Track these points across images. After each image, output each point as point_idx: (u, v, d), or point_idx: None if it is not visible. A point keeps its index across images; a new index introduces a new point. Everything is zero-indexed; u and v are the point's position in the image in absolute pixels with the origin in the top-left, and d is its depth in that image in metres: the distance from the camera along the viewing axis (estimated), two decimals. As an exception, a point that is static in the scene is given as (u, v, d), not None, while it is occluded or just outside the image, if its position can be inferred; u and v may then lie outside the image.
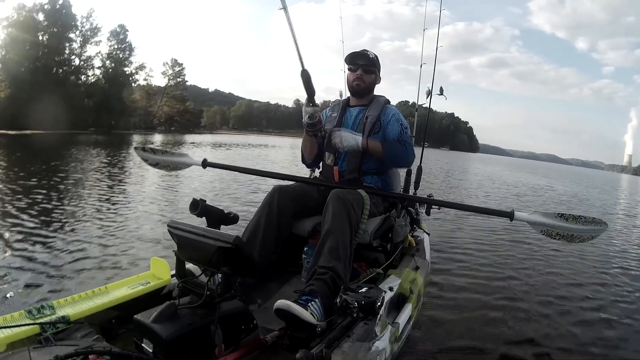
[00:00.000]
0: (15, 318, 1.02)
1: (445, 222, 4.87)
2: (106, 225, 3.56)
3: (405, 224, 1.89)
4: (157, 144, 18.29)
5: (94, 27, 29.31)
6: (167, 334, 0.93)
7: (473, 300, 2.52)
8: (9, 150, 11.14)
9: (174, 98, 39.97)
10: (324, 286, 1.25)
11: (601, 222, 1.45)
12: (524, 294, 2.72)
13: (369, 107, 1.82)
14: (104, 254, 2.78)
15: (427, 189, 6.04)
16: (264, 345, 1.11)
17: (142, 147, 1.98)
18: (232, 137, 38.61)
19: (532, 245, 4.20)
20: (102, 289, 1.24)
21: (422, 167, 2.36)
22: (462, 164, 26.16)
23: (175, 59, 41.56)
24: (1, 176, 5.84)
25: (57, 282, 2.27)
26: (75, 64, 28.82)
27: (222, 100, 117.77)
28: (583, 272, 3.42)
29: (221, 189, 6.11)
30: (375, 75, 1.83)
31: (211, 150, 16.85)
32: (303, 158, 1.91)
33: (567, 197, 11.42)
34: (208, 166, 1.96)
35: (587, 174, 48.54)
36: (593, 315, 2.48)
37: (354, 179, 1.76)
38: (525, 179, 17.41)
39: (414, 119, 2.46)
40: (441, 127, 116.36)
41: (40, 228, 3.28)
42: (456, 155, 54.14)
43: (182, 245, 1.08)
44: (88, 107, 27.57)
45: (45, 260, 2.57)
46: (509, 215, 1.52)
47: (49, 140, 15.63)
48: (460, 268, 3.14)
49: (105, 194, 5.13)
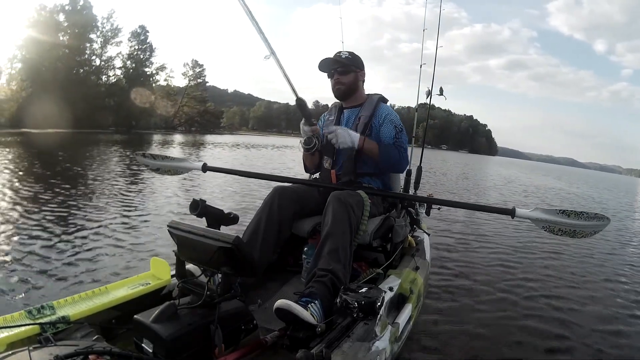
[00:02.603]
0: (15, 318, 1.02)
1: (446, 222, 4.87)
2: (121, 221, 3.59)
3: (405, 224, 1.89)
4: (177, 143, 18.63)
5: (115, 27, 29.80)
6: (167, 334, 0.93)
7: (473, 300, 2.52)
8: (26, 148, 11.12)
9: (194, 99, 40.24)
10: (324, 288, 1.25)
11: (603, 217, 1.45)
12: (524, 293, 2.72)
13: (362, 107, 1.81)
14: (106, 253, 2.78)
15: (447, 192, 5.93)
16: (264, 345, 1.11)
17: (142, 153, 2.02)
18: (252, 138, 38.78)
19: (534, 243, 4.21)
20: (102, 289, 1.24)
21: (422, 167, 2.37)
22: (482, 168, 25.68)
23: (196, 60, 41.92)
24: (7, 178, 5.85)
25: (57, 282, 2.27)
26: (95, 64, 29.34)
27: (241, 101, 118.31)
28: (590, 273, 3.42)
29: (241, 190, 6.03)
30: (354, 73, 1.80)
31: (229, 151, 17.00)
32: (306, 168, 1.96)
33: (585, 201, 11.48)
34: (208, 170, 1.97)
35: (605, 178, 47.51)
36: (597, 313, 2.48)
37: (351, 181, 1.76)
38: (543, 182, 17.29)
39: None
40: (460, 129, 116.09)
41: (45, 229, 3.28)
42: (475, 158, 52.96)
43: (182, 246, 1.09)
44: (109, 107, 27.85)
45: (47, 258, 2.58)
46: (510, 213, 1.51)
47: (70, 139, 15.85)
48: (461, 268, 3.14)
49: (119, 193, 5.13)
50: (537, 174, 26.66)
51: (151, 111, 33.20)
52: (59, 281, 2.29)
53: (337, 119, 1.86)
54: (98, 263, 2.62)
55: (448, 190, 9.19)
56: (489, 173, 20.79)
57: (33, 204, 4.11)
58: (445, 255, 3.44)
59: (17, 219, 3.51)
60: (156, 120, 34.85)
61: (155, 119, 34.76)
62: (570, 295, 2.80)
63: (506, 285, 2.84)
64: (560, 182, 20.18)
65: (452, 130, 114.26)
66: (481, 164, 34.15)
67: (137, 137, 22.08)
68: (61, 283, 2.26)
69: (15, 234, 3.09)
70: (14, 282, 2.23)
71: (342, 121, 1.85)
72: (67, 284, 2.24)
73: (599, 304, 2.71)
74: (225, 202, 5.00)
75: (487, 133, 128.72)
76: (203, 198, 1.48)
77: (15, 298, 2.04)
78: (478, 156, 78.42)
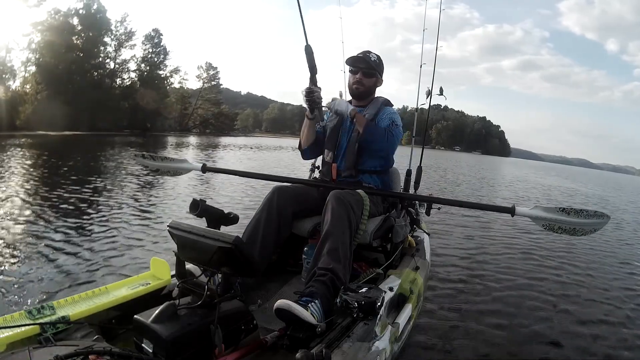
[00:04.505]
0: (15, 318, 1.02)
1: (446, 223, 4.87)
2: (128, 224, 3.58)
3: (405, 224, 1.89)
4: (194, 145, 18.85)
5: (129, 31, 30.00)
6: (167, 334, 0.93)
7: (473, 300, 2.52)
8: (43, 150, 11.12)
9: (208, 101, 40.52)
10: (324, 288, 1.25)
11: (603, 215, 1.45)
12: (525, 293, 2.72)
13: (367, 107, 1.83)
14: (110, 253, 2.78)
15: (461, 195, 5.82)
16: (264, 345, 1.11)
17: (142, 154, 2.01)
18: (266, 140, 38.93)
19: (534, 243, 4.21)
20: (102, 289, 1.24)
21: (422, 167, 2.37)
22: (495, 169, 25.42)
23: (210, 63, 43.03)
24: (21, 177, 5.87)
25: (57, 282, 2.27)
26: (110, 67, 29.53)
27: (254, 103, 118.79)
28: (592, 274, 3.40)
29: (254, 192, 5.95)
30: (376, 78, 1.83)
31: (242, 152, 17.05)
32: (300, 145, 1.91)
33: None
34: (208, 171, 1.97)
35: (618, 179, 46.56)
36: (599, 316, 2.47)
37: (351, 176, 1.76)
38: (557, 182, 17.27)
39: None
40: (473, 130, 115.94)
41: (53, 229, 3.28)
42: (489, 160, 51.93)
43: (182, 246, 1.09)
44: (123, 109, 28.08)
45: (46, 258, 2.58)
46: (510, 211, 1.51)
47: (86, 141, 16.05)
48: (461, 268, 3.14)
49: (131, 194, 5.13)
50: (552, 174, 26.69)
51: (167, 113, 33.54)
52: (59, 281, 2.28)
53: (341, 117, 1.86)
54: (99, 263, 2.61)
55: (462, 193, 9.18)
56: (503, 174, 20.83)
57: (48, 205, 4.12)
58: (445, 256, 3.44)
59: (24, 220, 3.51)
60: (170, 123, 35.17)
61: (170, 121, 35.08)
62: (575, 297, 2.79)
63: (507, 285, 2.84)
64: (576, 183, 20.19)
65: (466, 132, 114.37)
66: (494, 165, 34.22)
67: (151, 139, 22.29)
68: (61, 283, 2.26)
69: (18, 234, 3.09)
70: (14, 282, 2.23)
71: (346, 118, 1.85)
72: (67, 284, 2.24)
73: (605, 304, 2.70)
74: (246, 212, 4.99)
75: (500, 134, 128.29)
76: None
77: (15, 298, 2.04)
78: (491, 157, 77.60)
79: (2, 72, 21.86)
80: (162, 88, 33.17)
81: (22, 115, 20.52)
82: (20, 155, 9.19)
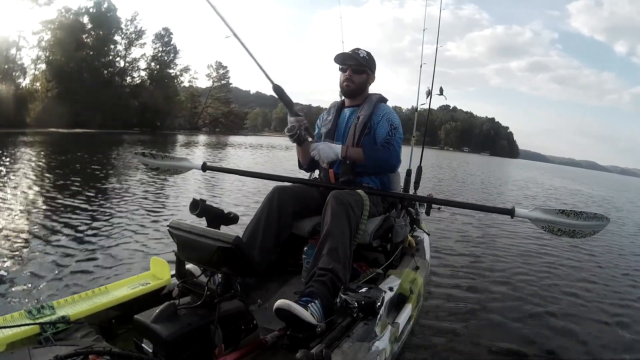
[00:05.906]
0: (15, 318, 1.02)
1: (446, 223, 4.87)
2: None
3: (405, 224, 1.89)
4: (203, 144, 18.88)
5: (139, 30, 30.13)
6: (167, 334, 0.93)
7: (473, 300, 2.52)
8: (50, 148, 11.17)
9: (218, 100, 40.61)
10: (324, 288, 1.25)
11: (602, 217, 1.45)
12: (525, 294, 2.72)
13: (362, 106, 1.81)
14: (110, 253, 2.78)
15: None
16: (264, 345, 1.11)
17: (142, 152, 2.00)
18: (275, 139, 38.73)
19: (534, 243, 4.20)
20: (102, 289, 1.24)
21: (422, 167, 2.37)
22: (504, 170, 25.36)
23: (220, 62, 42.38)
24: (26, 174, 5.87)
25: (57, 281, 2.27)
26: (120, 65, 29.63)
27: (263, 103, 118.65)
28: (593, 275, 3.39)
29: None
30: (367, 74, 1.81)
31: (253, 151, 17.12)
32: (299, 163, 1.95)
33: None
34: (208, 170, 1.97)
35: (625, 182, 46.14)
36: (601, 317, 2.46)
37: (350, 180, 1.76)
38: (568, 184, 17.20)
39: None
40: (482, 131, 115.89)
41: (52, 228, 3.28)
42: (497, 161, 51.94)
43: (182, 245, 1.09)
44: (133, 108, 28.13)
45: (48, 257, 2.58)
46: (510, 212, 1.51)
47: (96, 139, 16.06)
48: (461, 268, 3.14)
49: (138, 193, 5.12)
50: (560, 176, 26.73)
51: (176, 111, 33.56)
52: (60, 281, 2.28)
53: (335, 119, 1.86)
54: (99, 263, 2.61)
55: (471, 195, 9.15)
56: (510, 175, 20.88)
57: (50, 204, 4.11)
58: (445, 256, 3.44)
59: (25, 218, 3.51)
60: (180, 121, 35.22)
61: (180, 119, 35.12)
62: (576, 297, 2.78)
63: (507, 286, 2.84)
64: (585, 186, 20.18)
65: (474, 133, 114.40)
66: (502, 166, 34.22)
67: (161, 137, 22.39)
68: (61, 283, 2.26)
69: (19, 232, 3.09)
70: (13, 282, 2.22)
71: (341, 120, 1.85)
72: (66, 284, 2.24)
73: (607, 305, 2.69)
74: (246, 212, 4.99)
75: (509, 135, 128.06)
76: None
77: (15, 298, 2.04)
78: (499, 159, 77.35)
79: (12, 70, 21.91)
80: (172, 87, 33.27)
81: (32, 112, 20.55)
82: (28, 152, 9.19)
